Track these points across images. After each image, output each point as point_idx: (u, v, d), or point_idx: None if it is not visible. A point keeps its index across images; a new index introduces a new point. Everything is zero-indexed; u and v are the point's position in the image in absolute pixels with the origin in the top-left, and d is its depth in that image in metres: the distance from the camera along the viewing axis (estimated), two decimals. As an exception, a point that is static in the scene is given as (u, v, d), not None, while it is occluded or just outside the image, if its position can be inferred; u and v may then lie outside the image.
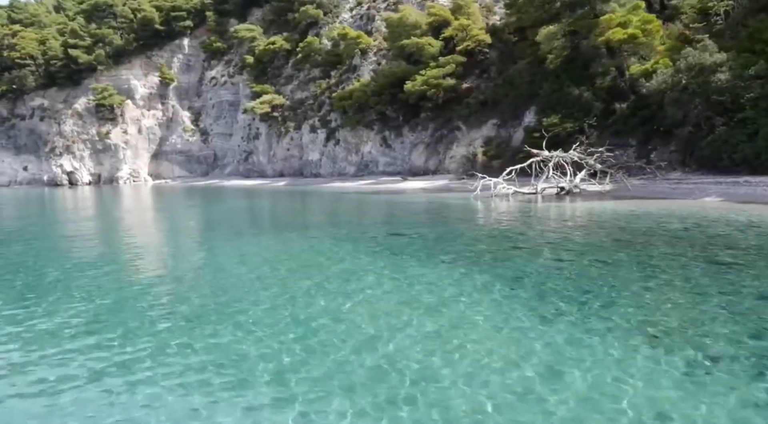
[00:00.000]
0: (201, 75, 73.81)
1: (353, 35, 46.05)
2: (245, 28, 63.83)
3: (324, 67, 54.74)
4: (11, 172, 75.21)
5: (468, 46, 39.31)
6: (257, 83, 60.09)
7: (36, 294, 7.53)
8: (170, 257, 10.82)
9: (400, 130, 41.40)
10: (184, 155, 71.10)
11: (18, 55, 72.06)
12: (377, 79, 42.71)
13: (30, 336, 5.75)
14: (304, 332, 5.55)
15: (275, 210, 23.17)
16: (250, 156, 60.41)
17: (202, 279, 8.33)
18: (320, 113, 49.57)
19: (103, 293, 7.43)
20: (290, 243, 11.57)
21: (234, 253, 10.40)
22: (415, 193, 28.54)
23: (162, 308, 6.62)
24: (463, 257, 9.37)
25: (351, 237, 12.01)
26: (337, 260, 9.45)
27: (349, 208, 22.47)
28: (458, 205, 20.61)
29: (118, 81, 72.16)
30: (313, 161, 49.11)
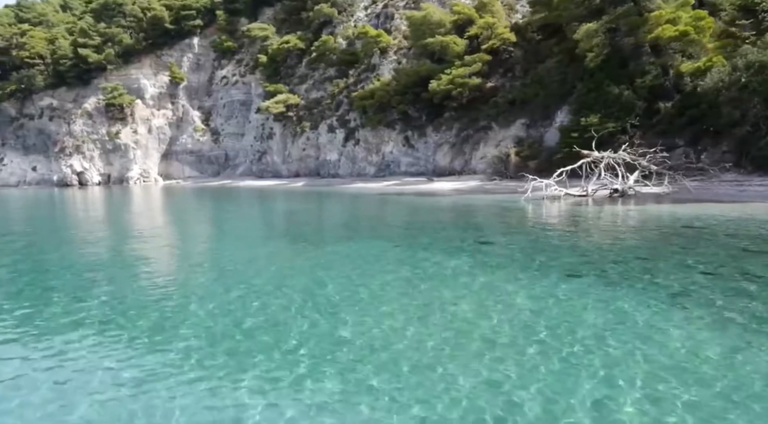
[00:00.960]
0: (211, 74, 72.43)
1: (373, 34, 44.86)
2: (258, 27, 62.54)
3: (339, 66, 53.56)
4: (20, 172, 73.73)
5: (494, 44, 38.24)
6: (270, 83, 58.87)
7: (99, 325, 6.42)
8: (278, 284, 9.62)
9: (424, 130, 40.26)
10: (195, 155, 69.77)
11: (27, 54, 70.58)
12: (399, 79, 41.54)
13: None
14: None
15: (321, 214, 21.69)
16: (263, 156, 59.14)
17: (325, 310, 7.11)
18: (338, 113, 48.37)
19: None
20: (380, 253, 10.42)
21: (323, 265, 9.27)
22: (453, 195, 27.39)
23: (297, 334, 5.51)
24: (592, 271, 8.25)
25: (438, 247, 10.85)
26: (452, 276, 8.29)
27: (398, 211, 21.18)
28: (513, 207, 19.52)
29: (127, 80, 70.77)
30: (331, 161, 47.92)
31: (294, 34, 59.33)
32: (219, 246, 12.73)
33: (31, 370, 5.07)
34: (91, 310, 6.85)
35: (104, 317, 6.53)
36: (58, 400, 4.46)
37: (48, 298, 7.59)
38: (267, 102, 54.99)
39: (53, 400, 4.46)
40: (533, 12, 39.70)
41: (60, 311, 6.90)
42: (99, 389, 4.59)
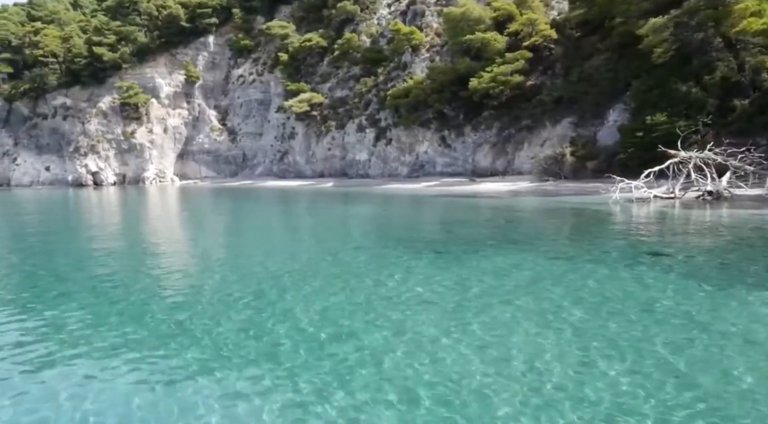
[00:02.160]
0: (227, 73, 70.44)
1: (405, 31, 43.09)
2: (278, 25, 60.63)
3: (364, 64, 51.82)
4: (33, 172, 71.51)
5: (535, 41, 36.62)
6: (292, 81, 57.03)
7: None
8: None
9: (462, 130, 38.60)
10: (212, 155, 67.82)
11: (41, 52, 68.37)
12: (434, 77, 39.82)
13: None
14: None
15: (390, 218, 19.83)
16: (285, 156, 57.29)
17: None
18: (367, 112, 46.62)
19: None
20: (548, 271, 8.75)
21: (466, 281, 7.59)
22: (516, 197, 25.76)
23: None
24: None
25: (614, 262, 9.21)
26: (710, 305, 6.64)
27: (479, 214, 19.36)
28: (609, 211, 17.93)
29: (142, 79, 68.65)
30: (360, 162, 46.18)
31: (315, 32, 57.49)
32: (315, 264, 10.89)
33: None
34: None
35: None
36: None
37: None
38: (290, 101, 53.20)
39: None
40: (572, 8, 38.22)
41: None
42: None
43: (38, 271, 10.30)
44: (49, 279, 9.37)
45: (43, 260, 11.54)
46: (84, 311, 7.17)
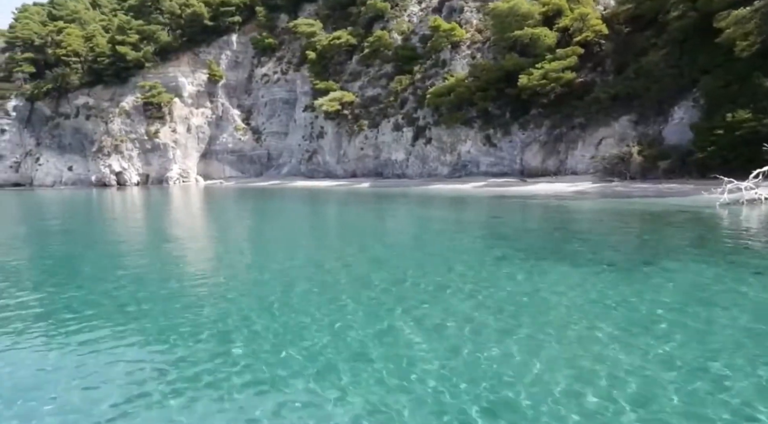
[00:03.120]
0: (250, 72, 68.86)
1: (446, 27, 41.34)
2: (305, 23, 58.97)
3: (396, 62, 50.16)
4: (56, 172, 70.17)
5: (587, 36, 34.89)
6: (320, 80, 55.40)
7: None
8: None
9: (508, 128, 36.89)
10: (236, 155, 66.28)
11: (64, 52, 66.95)
12: (477, 74, 38.12)
13: None
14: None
15: (489, 224, 17.61)
16: (313, 156, 55.69)
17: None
18: (403, 111, 44.94)
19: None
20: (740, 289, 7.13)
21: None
22: (585, 199, 24.09)
23: None
24: None
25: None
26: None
27: (566, 218, 17.87)
28: (721, 215, 16.29)
29: (165, 78, 67.15)
30: (397, 161, 44.51)
31: (344, 30, 55.81)
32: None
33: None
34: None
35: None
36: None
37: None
38: (320, 100, 51.54)
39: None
40: (621, 3, 36.51)
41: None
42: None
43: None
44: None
45: (82, 261, 10.09)
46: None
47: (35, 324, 7.28)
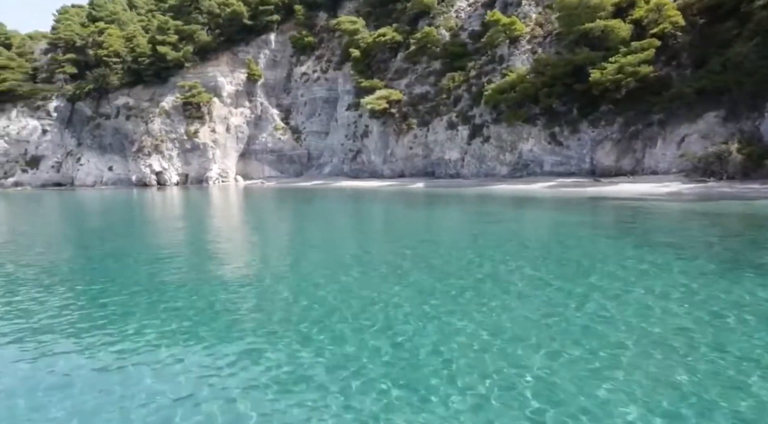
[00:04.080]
0: (289, 71, 67.62)
1: (505, 22, 39.35)
2: (348, 20, 57.42)
3: (444, 59, 48.34)
4: (96, 172, 69.88)
5: (664, 28, 32.63)
6: (364, 78, 53.85)
7: None
8: None
9: (576, 126, 34.81)
10: (276, 155, 65.10)
11: (105, 52, 66.55)
12: (542, 70, 36.09)
13: None
14: None
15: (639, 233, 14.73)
16: (358, 155, 54.15)
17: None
18: (457, 108, 43.09)
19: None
20: None
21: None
22: (684, 200, 22.02)
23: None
24: None
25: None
26: None
27: (725, 225, 15.84)
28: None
29: (204, 78, 66.30)
30: (450, 161, 42.68)
31: (389, 27, 54.13)
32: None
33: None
34: None
35: None
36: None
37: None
38: (367, 98, 49.94)
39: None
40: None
41: None
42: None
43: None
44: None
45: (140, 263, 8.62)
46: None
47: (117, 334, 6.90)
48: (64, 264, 12.28)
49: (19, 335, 6.97)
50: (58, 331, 7.05)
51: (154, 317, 7.56)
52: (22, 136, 72.15)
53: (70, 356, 6.24)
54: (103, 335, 6.86)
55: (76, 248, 15.37)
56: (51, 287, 9.61)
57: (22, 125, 72.09)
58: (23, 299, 8.86)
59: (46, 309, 8.13)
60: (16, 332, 7.07)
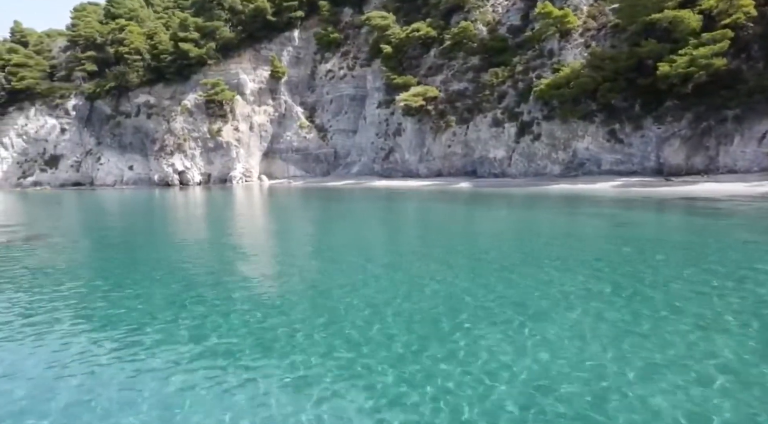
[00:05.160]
0: (312, 68, 65.32)
1: (557, 14, 37.09)
2: (378, 16, 55.12)
3: (483, 54, 46.12)
4: (117, 171, 67.65)
5: (737, 19, 30.41)
6: (398, 75, 51.60)
7: None
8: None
9: (639, 122, 32.61)
10: (301, 153, 62.82)
11: (126, 49, 64.24)
12: (598, 64, 33.88)
13: None
14: None
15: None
16: (390, 154, 51.93)
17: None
18: (502, 105, 40.87)
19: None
20: None
21: None
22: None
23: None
24: None
25: None
26: None
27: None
28: None
29: (226, 76, 64.05)
30: (496, 159, 40.46)
31: (422, 22, 51.89)
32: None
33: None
34: None
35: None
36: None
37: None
38: (402, 95, 47.76)
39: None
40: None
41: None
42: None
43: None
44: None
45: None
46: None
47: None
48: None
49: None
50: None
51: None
52: (40, 135, 69.95)
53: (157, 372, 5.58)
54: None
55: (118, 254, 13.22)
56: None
57: (41, 124, 69.88)
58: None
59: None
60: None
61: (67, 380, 5.41)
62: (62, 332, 7.02)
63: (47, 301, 8.45)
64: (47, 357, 6.11)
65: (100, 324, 7.34)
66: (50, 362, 5.97)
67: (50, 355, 6.21)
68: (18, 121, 69.57)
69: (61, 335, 6.91)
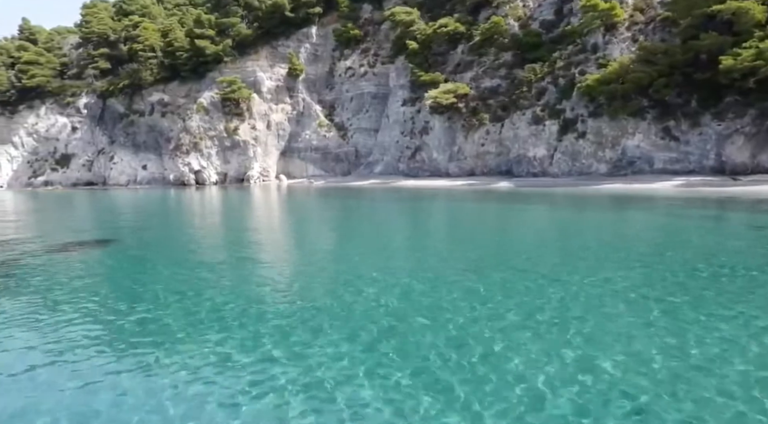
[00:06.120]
0: (331, 66, 63.20)
1: (604, 7, 35.16)
2: (403, 11, 53.08)
3: (515, 50, 44.22)
4: (130, 171, 65.30)
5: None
6: (423, 71, 49.59)
7: None
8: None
9: (697, 119, 30.76)
10: (320, 152, 60.67)
11: (141, 46, 61.92)
12: (649, 58, 31.99)
13: None
14: None
15: None
16: (417, 153, 49.92)
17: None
18: (541, 102, 38.96)
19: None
20: None
21: None
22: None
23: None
24: None
25: None
26: None
27: None
28: None
29: (243, 73, 61.85)
30: (535, 158, 38.54)
31: (450, 17, 49.89)
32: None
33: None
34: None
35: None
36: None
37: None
38: (432, 92, 45.74)
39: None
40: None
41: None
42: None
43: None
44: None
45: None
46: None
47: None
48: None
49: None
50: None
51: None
52: (51, 133, 67.54)
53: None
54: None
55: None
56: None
57: (51, 123, 67.47)
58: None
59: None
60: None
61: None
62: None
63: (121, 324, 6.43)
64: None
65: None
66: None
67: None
68: (28, 119, 67.13)
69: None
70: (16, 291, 8.81)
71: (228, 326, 6.65)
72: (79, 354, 5.81)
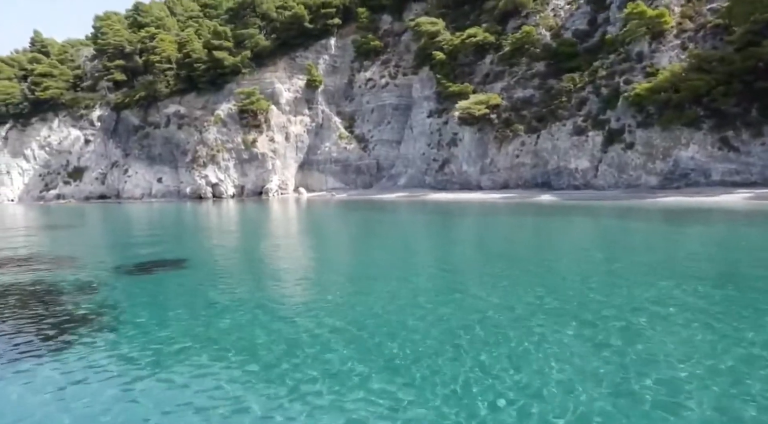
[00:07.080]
0: (350, 77, 61.61)
1: (651, 14, 33.59)
2: (428, 22, 51.57)
3: (548, 60, 42.65)
4: (145, 184, 63.26)
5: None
6: (450, 82, 47.98)
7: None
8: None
9: (759, 129, 29.00)
10: (340, 165, 58.77)
11: (157, 58, 60.27)
12: (704, 66, 30.33)
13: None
14: None
15: None
16: (445, 165, 48.04)
17: None
18: (583, 112, 37.23)
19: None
20: None
21: None
22: None
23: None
24: None
25: None
26: None
27: None
28: None
29: (261, 85, 60.22)
30: (577, 170, 36.68)
31: (478, 27, 48.39)
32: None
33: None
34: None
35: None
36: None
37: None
38: (462, 103, 44.07)
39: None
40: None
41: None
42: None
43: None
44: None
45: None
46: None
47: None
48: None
49: None
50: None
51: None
52: (63, 146, 65.64)
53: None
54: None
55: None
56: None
57: (64, 135, 65.61)
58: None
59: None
60: None
61: None
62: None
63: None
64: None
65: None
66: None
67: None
68: (41, 132, 65.23)
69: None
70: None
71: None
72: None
